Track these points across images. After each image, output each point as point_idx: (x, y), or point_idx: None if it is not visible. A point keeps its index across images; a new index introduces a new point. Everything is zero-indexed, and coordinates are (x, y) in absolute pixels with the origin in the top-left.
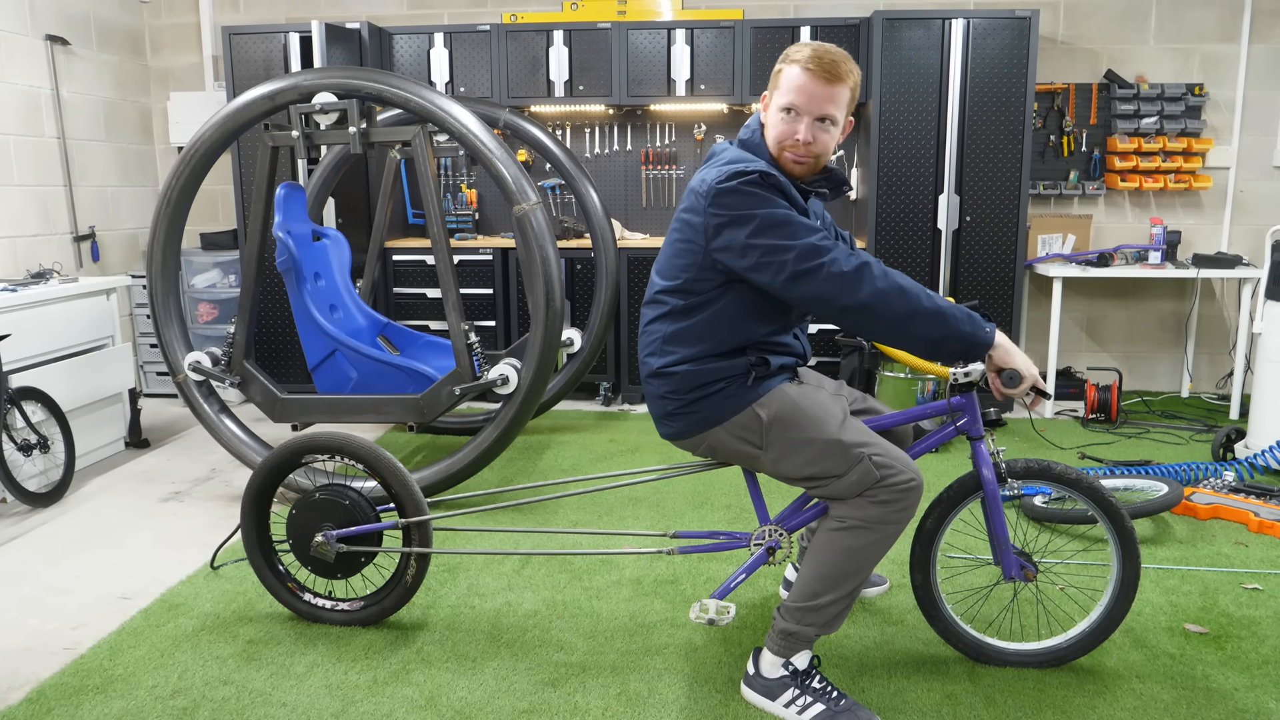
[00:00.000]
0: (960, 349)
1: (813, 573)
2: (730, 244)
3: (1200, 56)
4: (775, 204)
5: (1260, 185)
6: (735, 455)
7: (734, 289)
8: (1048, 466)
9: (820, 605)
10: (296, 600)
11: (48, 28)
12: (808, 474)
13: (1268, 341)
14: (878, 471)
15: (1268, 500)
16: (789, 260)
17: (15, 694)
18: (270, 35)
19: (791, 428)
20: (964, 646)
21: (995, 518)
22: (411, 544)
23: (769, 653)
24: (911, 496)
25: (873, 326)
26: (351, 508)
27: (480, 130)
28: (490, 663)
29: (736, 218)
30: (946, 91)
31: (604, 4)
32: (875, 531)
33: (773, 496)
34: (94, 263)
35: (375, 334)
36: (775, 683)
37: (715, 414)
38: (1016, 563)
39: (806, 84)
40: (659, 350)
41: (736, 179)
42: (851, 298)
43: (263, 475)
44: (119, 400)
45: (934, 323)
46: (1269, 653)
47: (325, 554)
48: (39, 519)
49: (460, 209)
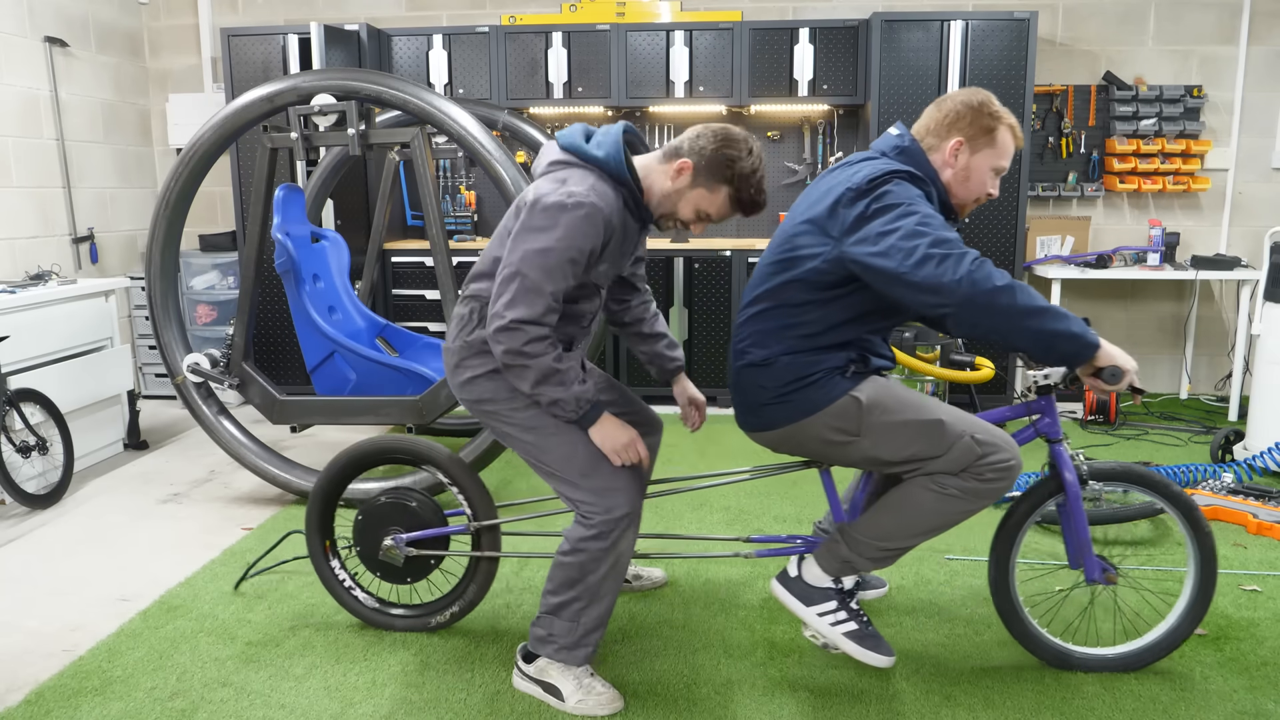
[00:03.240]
0: (1072, 348)
1: (891, 518)
2: (868, 234)
3: (1199, 58)
4: (923, 201)
5: (1259, 187)
6: (823, 447)
7: (851, 289)
8: (1128, 468)
9: (887, 547)
10: (358, 604)
11: (46, 29)
12: (907, 455)
13: (1266, 343)
14: (979, 449)
15: (1266, 502)
16: (921, 244)
17: (14, 695)
18: (269, 37)
19: (890, 411)
20: (1040, 650)
21: (1077, 520)
22: (482, 548)
23: (818, 567)
24: (1011, 476)
25: (990, 322)
26: (419, 511)
27: (479, 132)
28: (490, 665)
29: (883, 207)
30: (945, 93)
31: (603, 6)
32: (967, 502)
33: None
34: (93, 264)
35: (374, 335)
36: (817, 591)
37: (812, 403)
38: (1099, 565)
39: (1012, 151)
40: (762, 342)
41: (891, 174)
42: (976, 289)
43: (328, 482)
44: (118, 402)
45: (1052, 320)
46: (1268, 654)
47: (394, 558)
48: (37, 520)
49: (459, 210)
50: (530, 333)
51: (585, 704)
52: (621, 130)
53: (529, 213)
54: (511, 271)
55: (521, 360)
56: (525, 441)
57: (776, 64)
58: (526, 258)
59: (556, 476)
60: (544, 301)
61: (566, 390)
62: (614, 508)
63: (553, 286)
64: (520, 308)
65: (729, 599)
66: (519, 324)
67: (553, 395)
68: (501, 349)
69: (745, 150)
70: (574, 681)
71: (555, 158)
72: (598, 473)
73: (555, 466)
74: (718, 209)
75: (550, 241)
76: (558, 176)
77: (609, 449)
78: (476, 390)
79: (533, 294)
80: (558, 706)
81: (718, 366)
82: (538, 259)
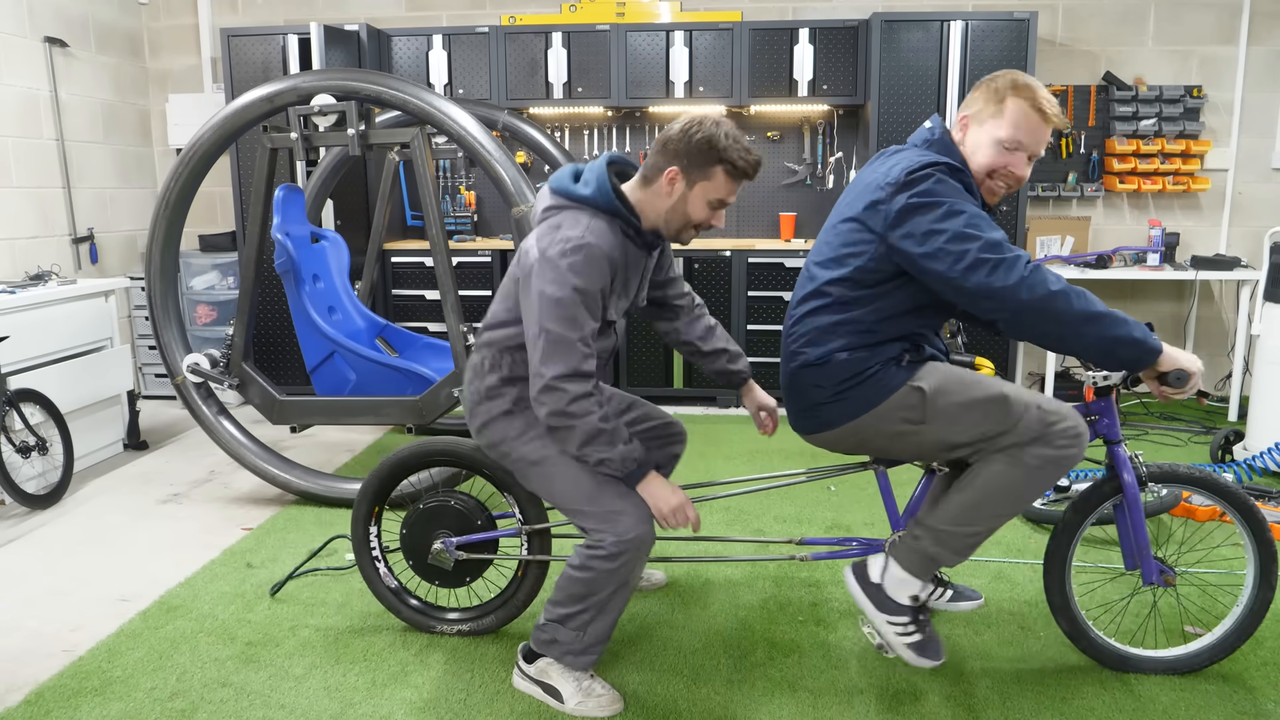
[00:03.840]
0: (1133, 354)
1: (969, 499)
2: (914, 230)
3: (1199, 58)
4: (964, 195)
5: (1258, 187)
6: (889, 440)
7: (901, 283)
8: (1187, 470)
9: (966, 533)
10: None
11: (46, 30)
12: (978, 434)
13: (1266, 343)
14: (1048, 417)
15: (1267, 502)
16: (972, 249)
17: (14, 695)
18: (269, 37)
19: (955, 394)
20: (1099, 654)
21: (1136, 522)
22: (533, 551)
23: (900, 567)
24: (1081, 443)
25: (1045, 327)
26: (466, 514)
27: (479, 132)
28: (490, 665)
29: (926, 203)
30: (945, 93)
31: (603, 6)
32: (1044, 472)
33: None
34: (92, 264)
35: (374, 336)
36: (893, 602)
37: (871, 398)
38: (1157, 567)
39: (1037, 125)
40: (816, 341)
41: (931, 168)
42: (1031, 294)
43: (375, 485)
44: (117, 402)
45: (1111, 325)
46: (1268, 655)
47: (443, 561)
48: (37, 521)
49: (459, 211)
50: (571, 390)
51: (585, 706)
52: (605, 162)
53: (535, 270)
54: (535, 332)
55: (567, 421)
56: (534, 474)
57: (776, 64)
58: (544, 314)
59: (566, 506)
60: (576, 351)
61: (613, 449)
62: (624, 532)
63: (578, 333)
64: (556, 364)
65: (729, 599)
66: (559, 380)
67: (600, 455)
68: (545, 410)
69: (717, 126)
70: (574, 683)
71: (547, 204)
72: (603, 497)
73: (563, 495)
74: (725, 189)
75: (561, 292)
76: (552, 223)
77: (658, 512)
78: (490, 434)
79: (563, 346)
80: (557, 708)
81: None
82: (555, 311)
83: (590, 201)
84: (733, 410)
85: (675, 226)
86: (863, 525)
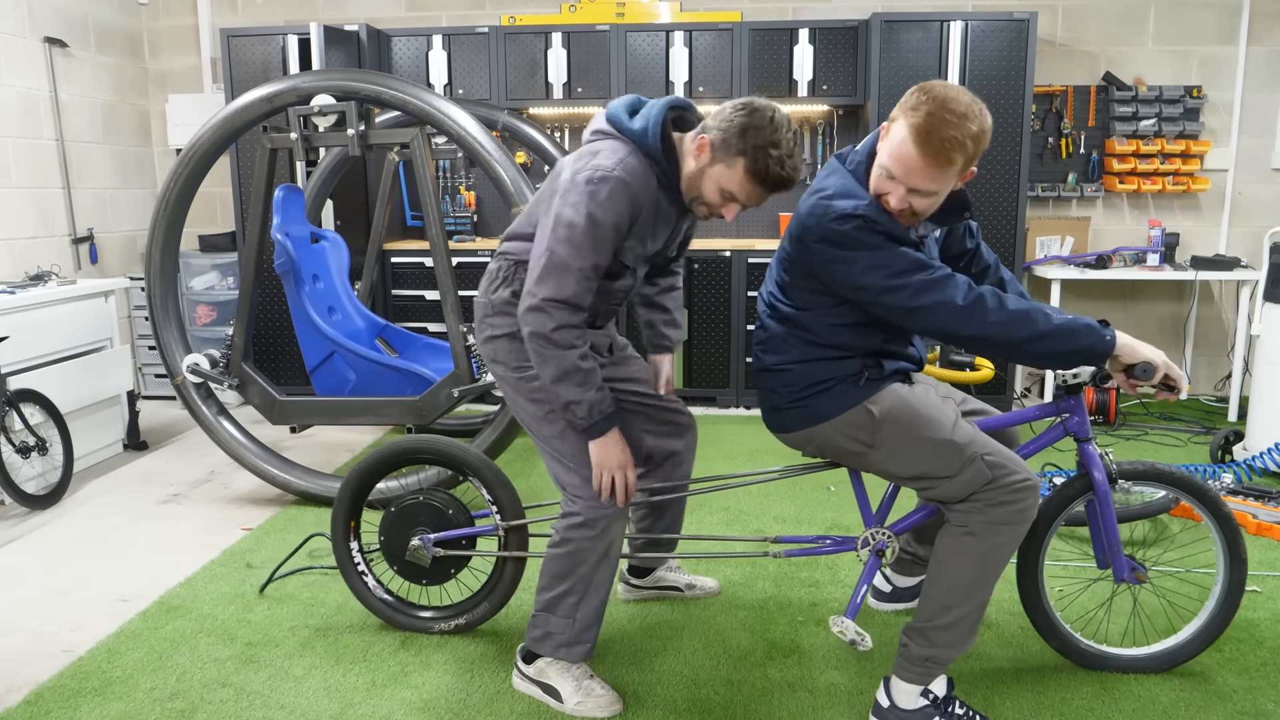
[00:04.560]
0: (1084, 360)
1: (940, 585)
2: (841, 280)
3: (1198, 59)
4: (879, 246)
5: (1258, 187)
6: (843, 454)
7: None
8: (1156, 468)
9: (952, 621)
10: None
11: (46, 30)
12: (918, 473)
13: (1266, 344)
14: (990, 471)
15: (1266, 502)
16: (902, 298)
17: (13, 696)
18: (268, 37)
19: (903, 426)
20: (1072, 652)
21: (1106, 520)
22: (510, 548)
23: (903, 681)
24: (1028, 497)
25: (996, 351)
26: (445, 511)
27: (479, 132)
28: (490, 665)
29: (842, 258)
30: None
31: (602, 6)
32: (999, 534)
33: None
34: (92, 265)
35: (374, 336)
36: (916, 714)
37: (824, 410)
38: (1128, 565)
39: (908, 155)
40: (774, 348)
41: (840, 222)
42: (970, 329)
43: (354, 484)
44: (117, 402)
45: (1055, 342)
46: (1267, 655)
47: (421, 559)
48: (37, 521)
49: (459, 211)
50: (558, 317)
51: (584, 705)
52: (666, 105)
53: (560, 190)
54: (541, 250)
55: (547, 346)
56: (528, 412)
57: (776, 64)
58: (555, 235)
59: (551, 454)
60: (573, 279)
61: (585, 392)
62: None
63: (581, 263)
64: (549, 285)
65: (728, 599)
66: (548, 303)
67: (570, 395)
68: (529, 330)
69: (766, 118)
70: (573, 683)
71: (597, 127)
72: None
73: (553, 445)
74: (738, 185)
75: (576, 217)
76: (592, 148)
77: (598, 464)
78: (492, 349)
79: (560, 271)
80: (557, 708)
81: (718, 367)
82: (565, 234)
83: (635, 138)
84: (732, 410)
85: (691, 194)
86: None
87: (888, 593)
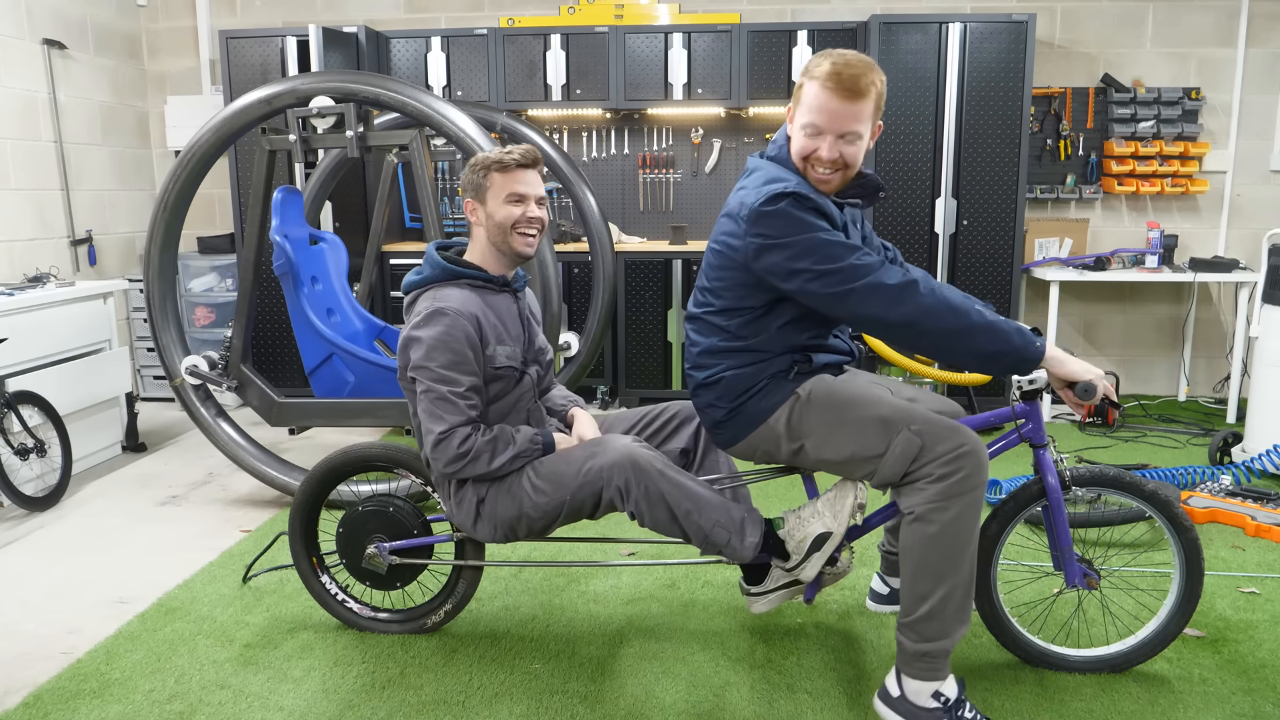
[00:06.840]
0: (1011, 362)
1: (910, 576)
2: (773, 268)
3: (1197, 60)
4: (813, 226)
5: (1257, 189)
6: (785, 453)
7: (773, 302)
8: (1106, 472)
9: (932, 610)
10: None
11: (45, 32)
12: (848, 454)
13: (1265, 345)
14: (919, 439)
15: (1265, 504)
16: (833, 281)
17: (12, 698)
18: (267, 39)
19: (828, 409)
20: (1025, 653)
21: (1059, 525)
22: (466, 556)
23: (911, 679)
24: (969, 461)
25: (923, 342)
26: (401, 518)
27: (477, 134)
28: (489, 666)
29: (776, 243)
30: (943, 95)
31: (601, 8)
32: (948, 509)
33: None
34: (91, 267)
35: (372, 338)
36: (926, 713)
37: (759, 411)
38: (1080, 570)
39: (827, 102)
40: (704, 363)
41: (773, 202)
42: (898, 314)
43: (311, 487)
44: (116, 404)
45: (984, 338)
46: (1266, 656)
47: (377, 566)
48: (35, 523)
49: (458, 213)
50: (458, 434)
51: None
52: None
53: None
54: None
55: (462, 462)
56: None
57: (775, 66)
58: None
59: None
60: (453, 404)
61: (515, 445)
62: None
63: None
64: (438, 421)
65: (728, 600)
66: (443, 436)
67: (508, 456)
68: (441, 465)
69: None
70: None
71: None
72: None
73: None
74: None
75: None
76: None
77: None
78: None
79: (442, 402)
80: None
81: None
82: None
83: (430, 280)
84: None
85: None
86: None
87: (885, 594)
